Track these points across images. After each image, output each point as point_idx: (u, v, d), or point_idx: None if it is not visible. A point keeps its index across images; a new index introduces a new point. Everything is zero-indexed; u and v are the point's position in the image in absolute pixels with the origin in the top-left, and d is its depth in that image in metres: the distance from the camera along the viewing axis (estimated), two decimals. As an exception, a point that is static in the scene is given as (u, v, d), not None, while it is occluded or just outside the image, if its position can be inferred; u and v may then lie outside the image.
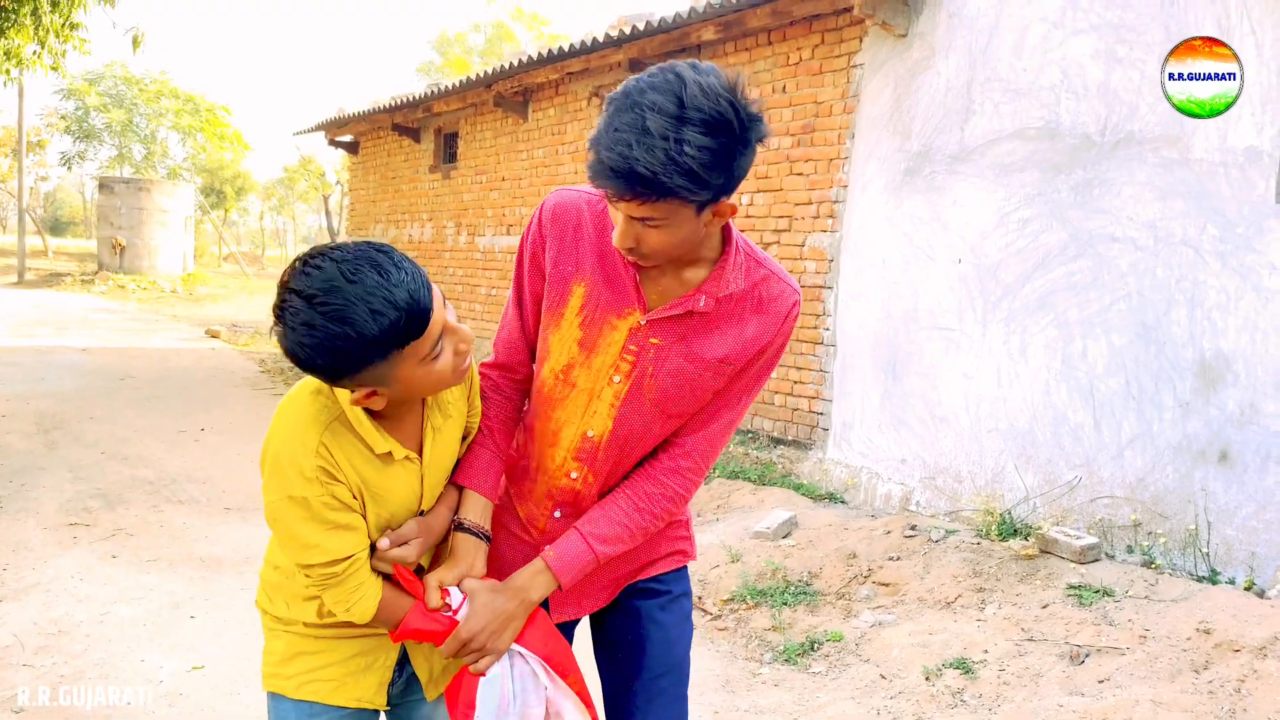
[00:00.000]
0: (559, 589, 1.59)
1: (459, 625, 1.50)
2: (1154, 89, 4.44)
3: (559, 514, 1.70)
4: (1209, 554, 4.14)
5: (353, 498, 1.45)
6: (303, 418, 1.44)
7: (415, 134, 11.90)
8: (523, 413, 1.78)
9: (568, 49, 8.01)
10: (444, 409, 1.59)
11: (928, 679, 3.46)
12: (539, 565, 1.58)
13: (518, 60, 8.83)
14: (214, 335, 15.01)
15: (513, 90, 9.33)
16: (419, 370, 1.41)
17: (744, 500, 5.63)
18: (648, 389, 1.59)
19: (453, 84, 10.24)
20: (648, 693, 1.74)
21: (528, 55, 8.80)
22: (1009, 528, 4.59)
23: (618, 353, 1.58)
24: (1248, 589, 3.90)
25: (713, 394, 1.62)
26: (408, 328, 1.34)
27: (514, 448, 1.77)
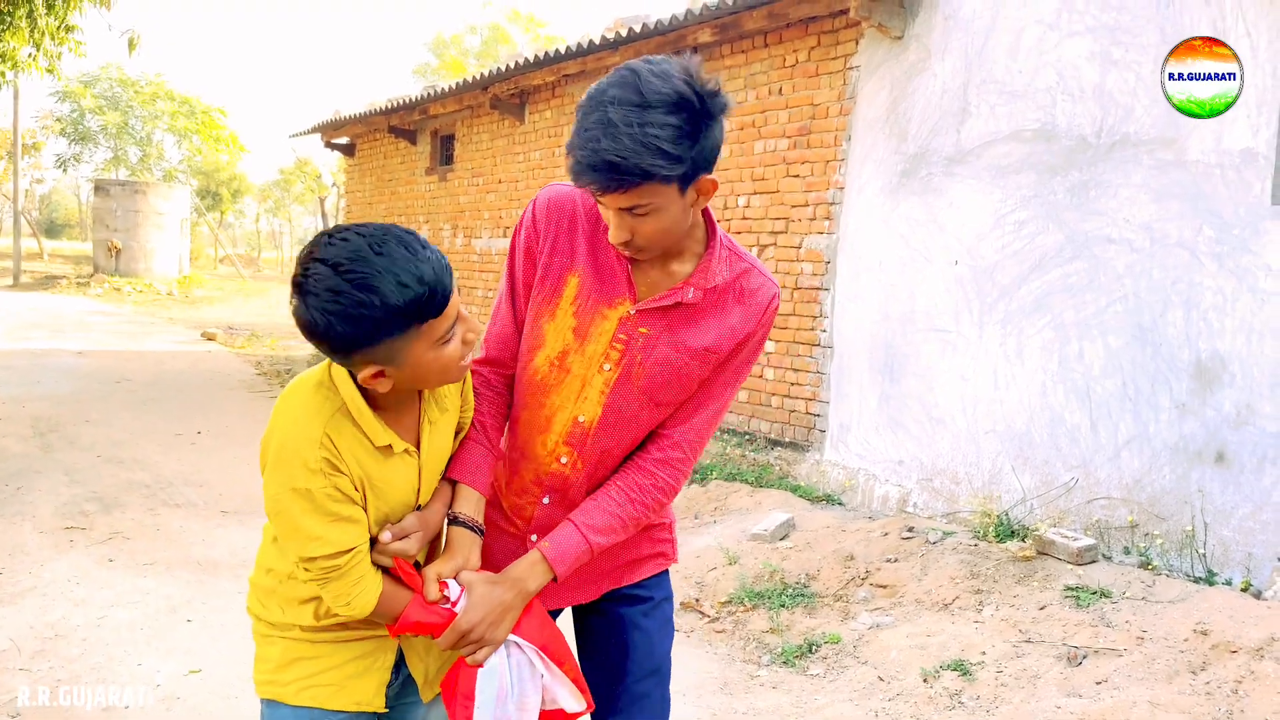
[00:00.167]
0: (554, 580, 1.62)
1: (458, 617, 1.52)
2: (1149, 91, 4.45)
3: (547, 500, 1.73)
4: (1206, 555, 4.15)
5: (355, 490, 1.46)
6: (306, 409, 1.44)
7: (412, 136, 11.90)
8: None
9: (564, 51, 8.01)
10: (440, 402, 1.61)
11: (925, 681, 3.46)
12: (535, 556, 1.61)
13: (514, 62, 8.82)
14: (210, 338, 14.99)
15: (509, 92, 9.33)
16: (429, 354, 1.43)
17: (741, 502, 5.63)
18: (636, 376, 1.65)
19: (449, 86, 10.24)
20: (631, 696, 1.78)
21: (524, 57, 8.80)
22: (1006, 529, 4.59)
23: (608, 341, 1.64)
24: (1244, 590, 3.91)
25: (698, 383, 1.68)
26: (429, 303, 1.37)
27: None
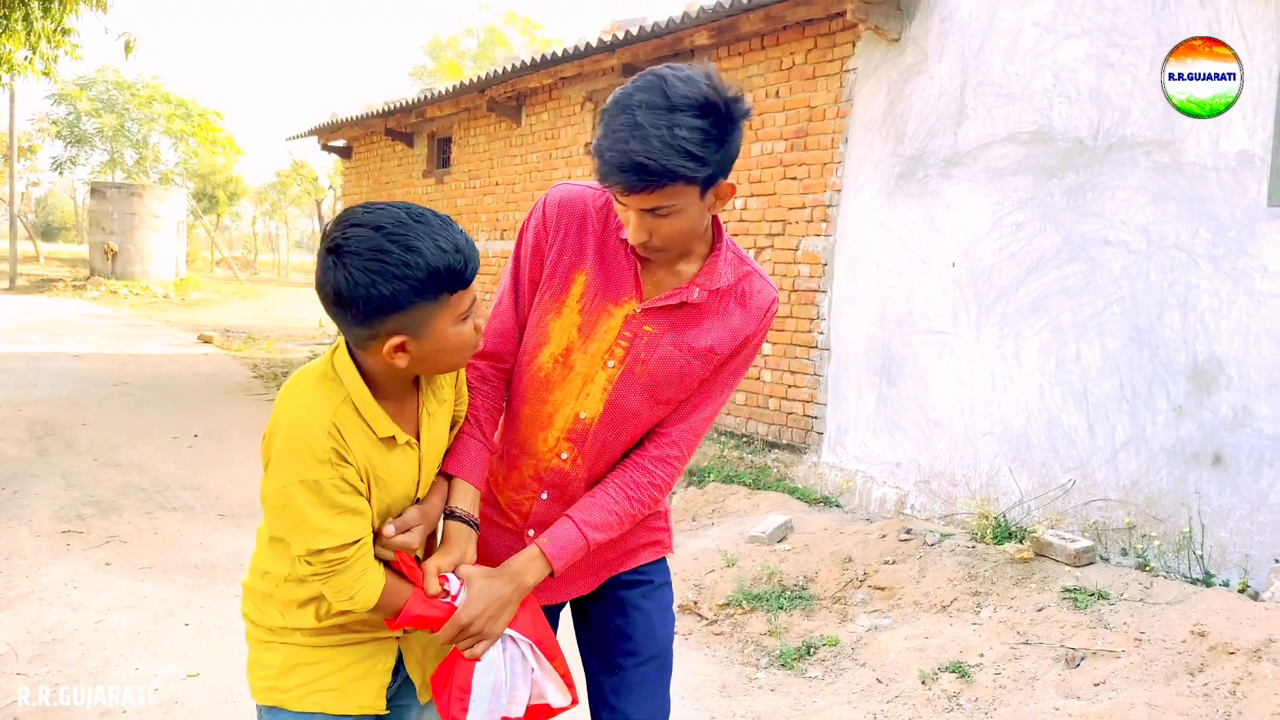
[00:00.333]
0: (551, 575, 1.63)
1: (457, 611, 1.53)
2: (1146, 93, 4.46)
3: (545, 496, 1.75)
4: (1203, 556, 4.15)
5: (361, 481, 1.46)
6: (314, 400, 1.45)
7: (409, 139, 11.89)
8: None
9: (561, 54, 8.02)
10: (438, 394, 1.61)
11: (924, 683, 3.46)
12: (534, 551, 1.62)
13: (511, 65, 8.82)
14: (207, 340, 14.98)
15: (506, 95, 9.34)
16: (450, 328, 1.45)
17: (739, 504, 5.63)
18: (639, 374, 1.67)
19: (446, 89, 10.24)
20: (631, 679, 1.80)
21: (521, 60, 8.79)
22: (1004, 531, 4.60)
23: (613, 339, 1.66)
24: (1241, 591, 3.92)
25: (699, 383, 1.71)
26: (461, 272, 1.42)
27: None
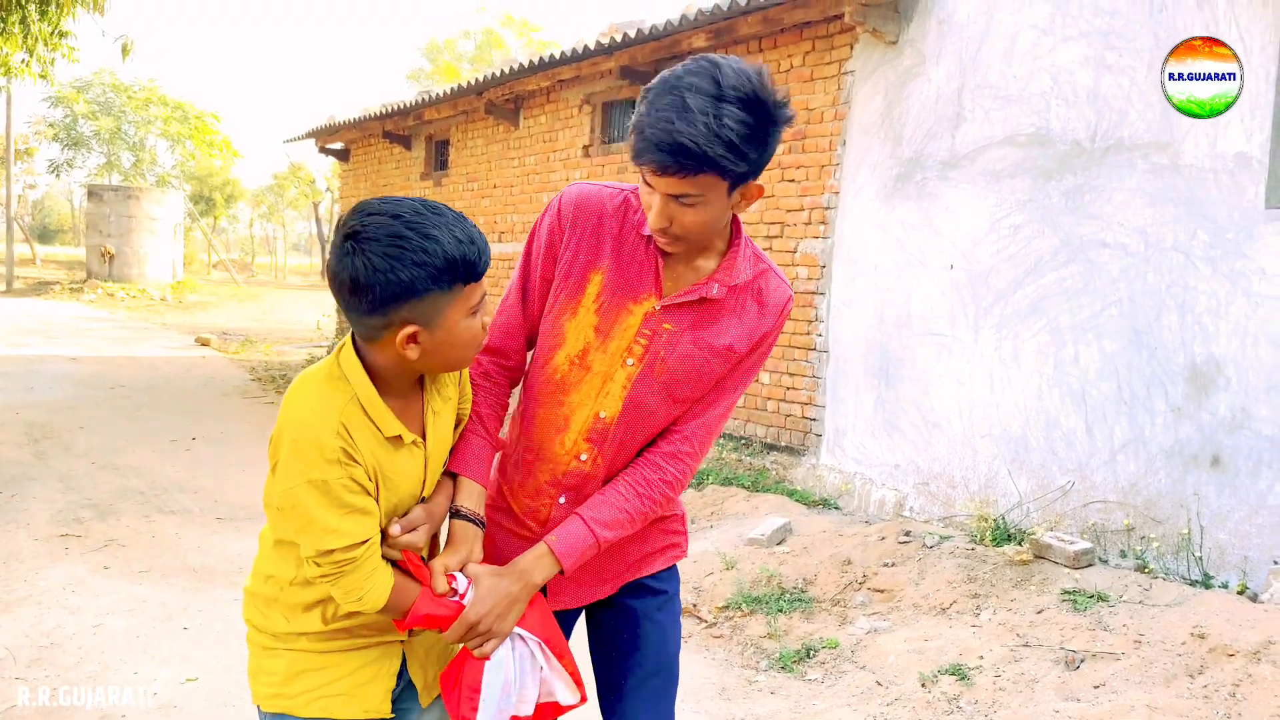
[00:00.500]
0: (561, 573, 1.62)
1: (466, 609, 1.52)
2: (1144, 95, 4.46)
3: (564, 500, 1.72)
4: (1202, 558, 4.16)
5: (369, 480, 1.46)
6: (321, 400, 1.45)
7: (406, 141, 11.89)
8: (512, 403, 1.81)
9: (559, 56, 8.02)
10: (442, 392, 1.61)
11: (924, 685, 3.46)
12: (542, 549, 1.61)
13: (509, 67, 8.82)
14: (204, 343, 14.97)
15: (504, 97, 9.34)
16: (462, 321, 1.47)
17: (738, 507, 5.63)
18: (658, 372, 1.66)
19: (444, 91, 10.23)
20: (640, 691, 1.79)
21: (519, 63, 8.79)
22: (1003, 533, 4.60)
23: (632, 336, 1.65)
24: (1240, 593, 3.92)
25: (716, 380, 1.69)
26: (475, 263, 1.44)
27: (507, 442, 1.79)
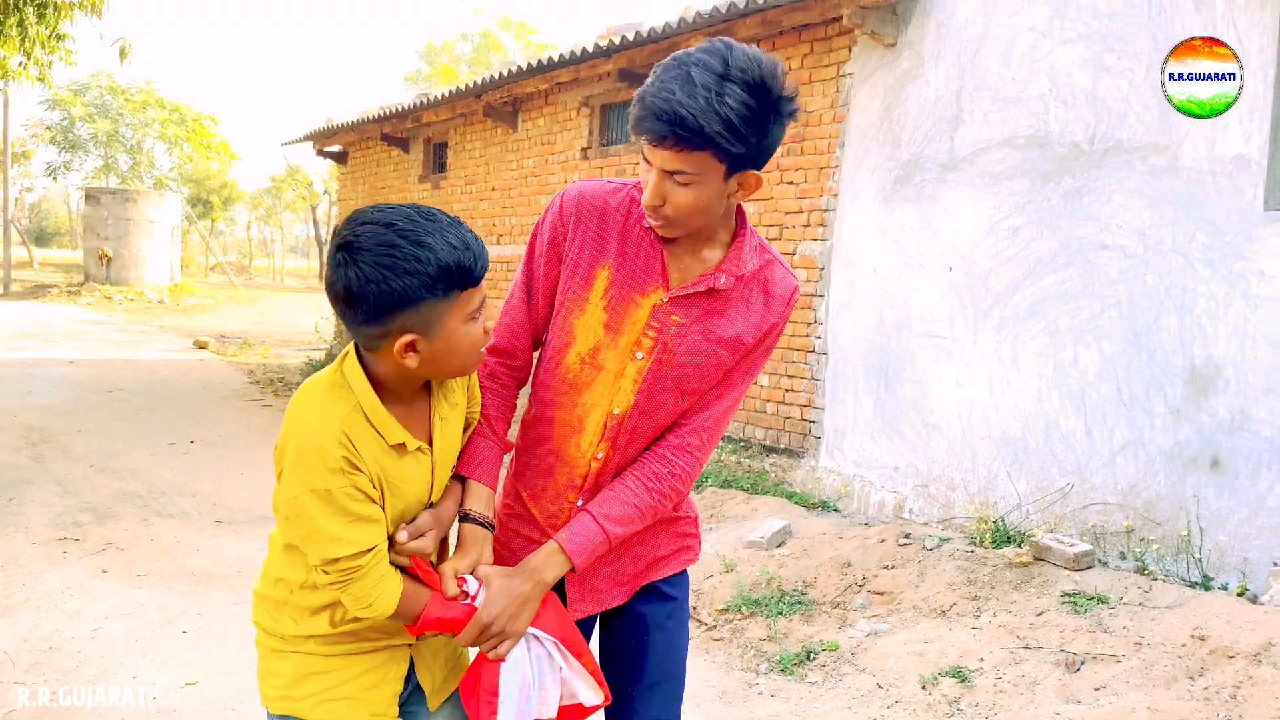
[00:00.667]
0: (573, 570, 1.62)
1: (478, 611, 1.52)
2: (1142, 97, 4.47)
3: (581, 502, 1.71)
4: (1201, 560, 4.16)
5: (373, 488, 1.46)
6: (323, 409, 1.45)
7: (404, 144, 11.89)
8: (522, 410, 1.80)
9: (557, 59, 8.02)
10: (449, 398, 1.61)
11: (924, 688, 3.46)
12: (552, 547, 1.61)
13: (507, 70, 8.82)
14: (202, 346, 14.96)
15: (502, 100, 9.34)
16: (461, 327, 1.46)
17: (737, 509, 5.63)
18: (667, 364, 1.65)
19: (442, 94, 10.23)
20: (647, 697, 1.79)
21: (517, 65, 8.79)
22: (1002, 535, 4.60)
23: (640, 330, 1.64)
24: (1240, 595, 3.92)
25: (724, 372, 1.69)
26: (471, 268, 1.42)
27: (521, 448, 1.78)
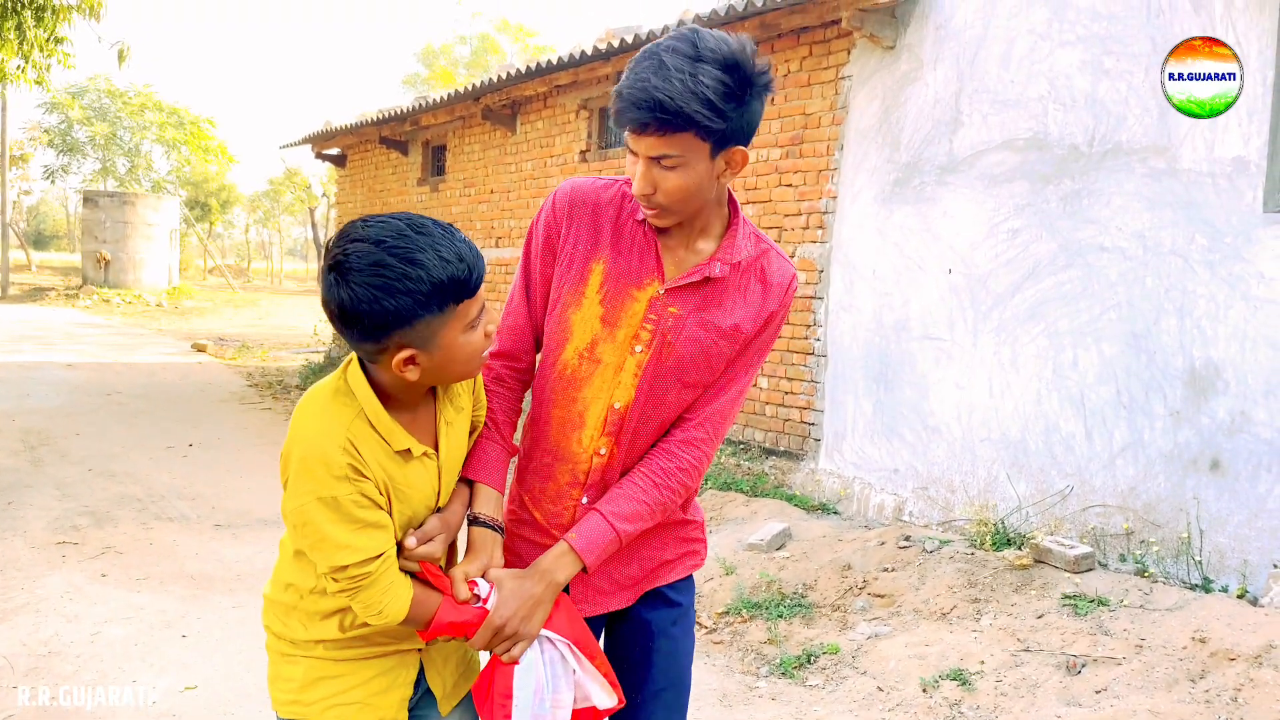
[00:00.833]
0: (584, 570, 1.61)
1: (490, 613, 1.51)
2: (1141, 100, 4.47)
3: (586, 500, 1.70)
4: (1201, 562, 4.15)
5: (380, 494, 1.45)
6: (327, 416, 1.44)
7: (403, 147, 11.88)
8: (524, 410, 1.79)
9: (556, 62, 8.02)
10: (454, 402, 1.60)
11: (925, 691, 3.46)
12: (562, 548, 1.60)
13: (506, 73, 8.82)
14: (200, 349, 14.94)
15: (501, 103, 9.34)
16: (460, 338, 1.44)
17: (737, 512, 5.62)
18: (667, 357, 1.65)
19: (440, 97, 10.23)
20: (652, 704, 1.78)
21: (516, 68, 8.79)
22: (1002, 538, 4.59)
23: (638, 323, 1.64)
24: (1240, 597, 3.92)
25: (726, 363, 1.69)
26: (467, 280, 1.40)
27: (522, 452, 1.78)
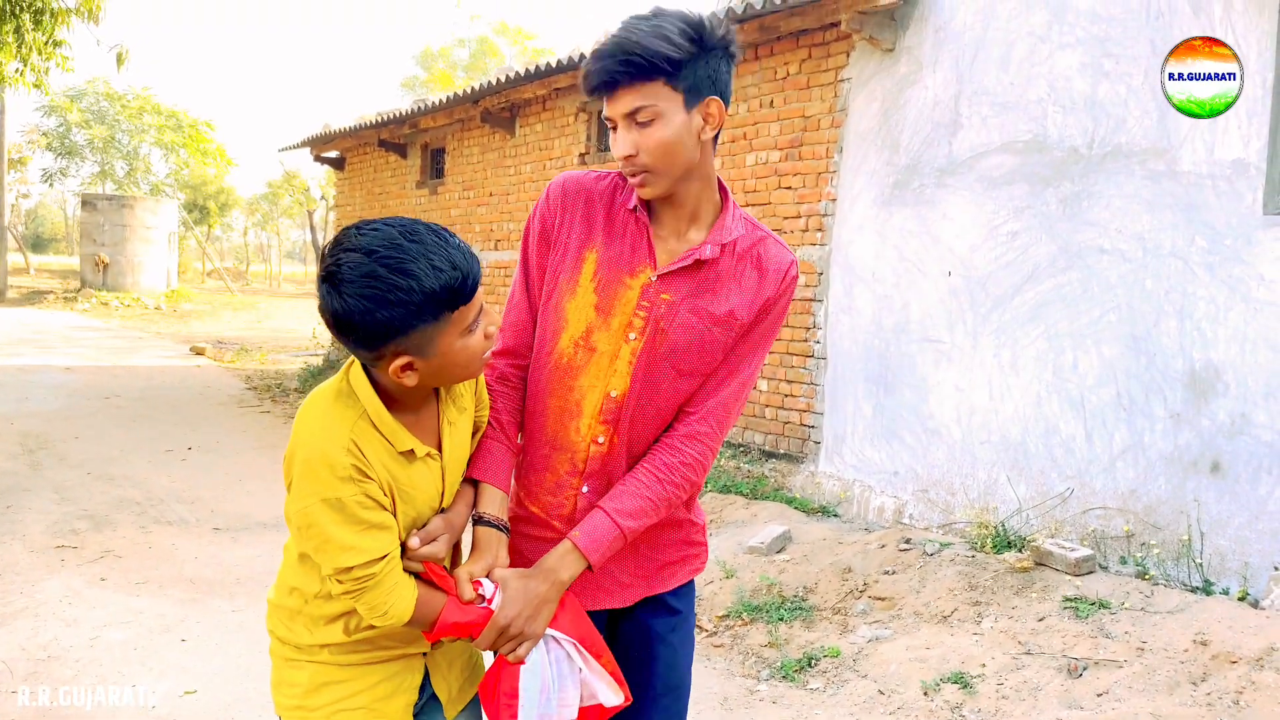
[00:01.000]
0: (589, 569, 1.61)
1: (495, 613, 1.51)
2: (1141, 102, 4.47)
3: (587, 489, 1.70)
4: (1202, 564, 4.15)
5: (384, 495, 1.45)
6: (330, 418, 1.44)
7: (402, 150, 11.89)
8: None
9: (555, 65, 8.02)
10: (457, 402, 1.60)
11: (926, 694, 3.45)
12: (567, 546, 1.60)
13: (505, 76, 8.83)
14: (199, 352, 14.93)
15: (500, 106, 9.34)
16: (457, 343, 1.44)
17: (737, 515, 5.62)
18: (660, 344, 1.65)
19: (440, 100, 10.23)
20: (651, 710, 1.77)
21: (515, 71, 8.80)
22: (1003, 540, 4.59)
23: (631, 310, 1.65)
24: (1241, 599, 3.92)
25: (724, 352, 1.68)
26: (461, 287, 1.40)
27: (521, 448, 1.77)
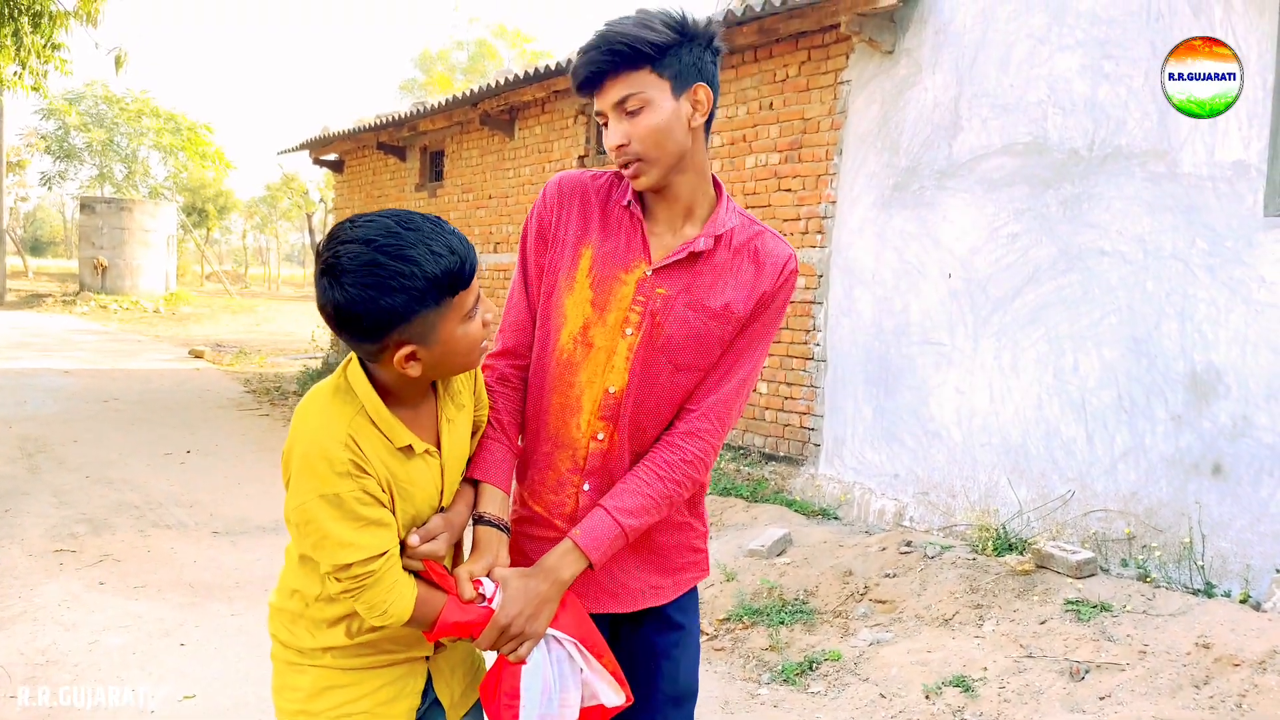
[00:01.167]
0: (590, 567, 1.60)
1: (496, 612, 1.50)
2: (1141, 104, 4.47)
3: (588, 486, 1.69)
4: (1204, 567, 4.14)
5: (382, 491, 1.45)
6: (328, 414, 1.44)
7: (401, 153, 11.88)
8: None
9: (554, 67, 8.02)
10: (455, 399, 1.60)
11: (928, 697, 3.44)
12: (567, 545, 1.60)
13: (504, 78, 8.82)
14: (198, 355, 14.92)
15: (499, 108, 9.33)
16: (459, 329, 1.45)
17: (737, 517, 5.61)
18: (657, 339, 1.65)
19: (438, 102, 10.23)
20: (655, 717, 1.76)
21: (514, 74, 8.80)
22: (1004, 543, 4.58)
23: (627, 305, 1.65)
24: (1243, 602, 3.91)
25: (722, 346, 1.68)
26: (460, 273, 1.41)
27: (522, 448, 1.77)
